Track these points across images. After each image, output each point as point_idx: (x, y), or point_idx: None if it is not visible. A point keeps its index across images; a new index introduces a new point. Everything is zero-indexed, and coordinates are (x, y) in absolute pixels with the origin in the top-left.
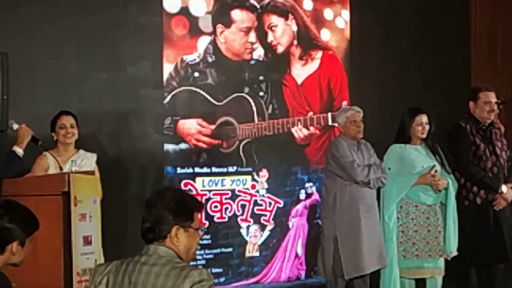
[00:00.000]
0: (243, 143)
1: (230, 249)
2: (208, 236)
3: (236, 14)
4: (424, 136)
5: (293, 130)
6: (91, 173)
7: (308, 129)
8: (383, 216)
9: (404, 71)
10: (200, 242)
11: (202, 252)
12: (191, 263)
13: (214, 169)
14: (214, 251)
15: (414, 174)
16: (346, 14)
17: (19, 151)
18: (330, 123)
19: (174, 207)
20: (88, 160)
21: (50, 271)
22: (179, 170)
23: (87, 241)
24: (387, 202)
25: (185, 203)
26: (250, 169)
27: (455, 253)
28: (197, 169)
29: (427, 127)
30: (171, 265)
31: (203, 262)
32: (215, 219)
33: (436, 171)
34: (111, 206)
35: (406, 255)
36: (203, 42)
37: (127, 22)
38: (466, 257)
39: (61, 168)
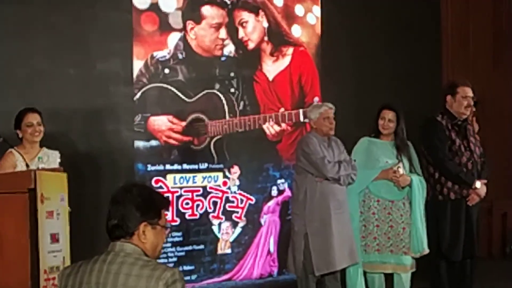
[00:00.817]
0: (214, 139)
1: (201, 246)
2: (179, 234)
3: (207, 10)
4: (386, 131)
5: (264, 126)
6: (59, 170)
7: (279, 125)
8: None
9: (375, 67)
10: (172, 239)
11: (173, 249)
12: (162, 260)
13: (185, 166)
14: (186, 248)
15: (376, 168)
16: (317, 10)
17: None
18: (301, 119)
19: (142, 203)
20: (52, 158)
21: (17, 269)
22: (150, 167)
23: (54, 238)
24: (349, 193)
25: (153, 200)
26: (221, 166)
27: (426, 251)
28: (168, 166)
29: (391, 124)
30: (141, 264)
31: (174, 259)
32: (187, 216)
33: (399, 167)
34: (81, 203)
35: (367, 249)
36: (173, 38)
37: (96, 18)
38: (438, 252)
39: (27, 166)
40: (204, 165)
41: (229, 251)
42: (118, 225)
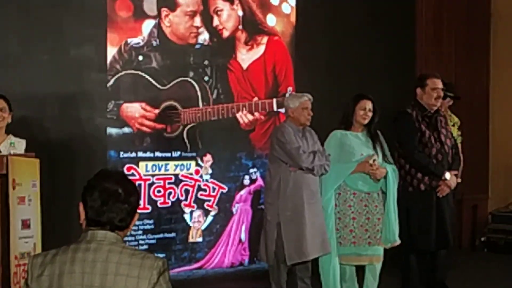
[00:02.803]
0: (187, 127)
1: (173, 234)
2: (151, 221)
3: None
4: (366, 121)
5: (237, 115)
6: (31, 156)
7: (253, 114)
8: (322, 200)
9: (349, 58)
10: (143, 227)
11: (144, 237)
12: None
13: (157, 154)
14: (157, 236)
15: (352, 162)
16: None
17: None
18: (275, 108)
19: (138, 199)
20: (18, 146)
21: None
22: (122, 154)
23: (25, 224)
24: (325, 188)
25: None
26: (194, 154)
27: (398, 241)
28: (140, 154)
29: (370, 114)
30: (129, 253)
31: (145, 247)
32: (158, 204)
33: (374, 160)
34: (54, 189)
35: (343, 242)
36: (148, 25)
37: (70, 3)
38: (408, 243)
39: None
40: (176, 153)
41: (200, 239)
42: (123, 219)
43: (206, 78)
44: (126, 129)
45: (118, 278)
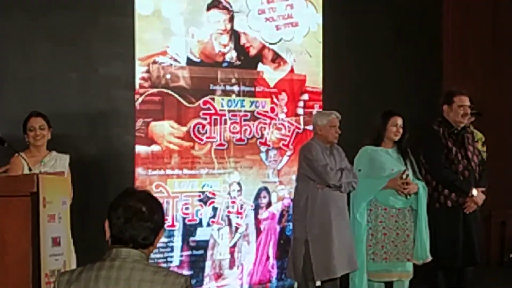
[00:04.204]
0: (215, 145)
1: (201, 252)
2: (179, 238)
3: (209, 16)
4: (397, 138)
5: (265, 133)
6: (61, 174)
7: (279, 131)
8: (354, 215)
9: (376, 75)
10: (172, 244)
11: (172, 254)
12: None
13: (185, 171)
14: (185, 253)
15: (384, 177)
16: (319, 18)
17: None
18: (302, 126)
19: (162, 216)
20: (60, 161)
21: (18, 272)
22: (150, 172)
23: (55, 242)
24: (357, 203)
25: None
26: (221, 171)
27: (430, 258)
28: (168, 171)
29: (401, 130)
30: (152, 270)
31: (174, 264)
32: (186, 221)
33: (407, 175)
34: (84, 206)
35: (375, 258)
36: (175, 43)
37: (98, 22)
38: (435, 260)
39: (30, 169)
40: (204, 171)
41: (228, 256)
42: (147, 237)
43: (233, 96)
44: (154, 147)
45: None
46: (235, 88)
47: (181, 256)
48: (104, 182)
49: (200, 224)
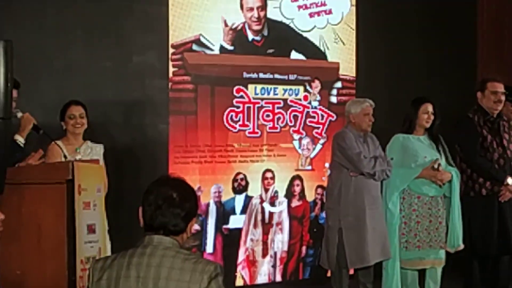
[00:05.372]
0: (248, 133)
1: (234, 239)
2: (213, 226)
3: (243, 3)
4: (429, 125)
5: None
6: (96, 161)
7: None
8: (386, 204)
9: (410, 63)
10: (205, 231)
11: (207, 241)
12: None
13: (218, 159)
14: (218, 240)
15: (417, 165)
16: (352, 5)
17: (20, 139)
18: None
19: (195, 205)
20: (95, 151)
21: (54, 259)
22: (183, 160)
23: (91, 229)
24: (390, 192)
25: (196, 197)
26: (255, 159)
27: (462, 246)
28: (202, 159)
29: (432, 116)
30: (182, 257)
31: (210, 250)
32: (220, 209)
33: (439, 164)
34: (119, 194)
35: (408, 246)
36: (209, 31)
37: (133, 10)
38: (470, 249)
39: (65, 157)
40: (237, 158)
41: (261, 244)
42: (177, 224)
43: (266, 84)
44: (188, 135)
45: (170, 283)
46: (268, 76)
47: (214, 243)
48: (138, 170)
49: (233, 211)
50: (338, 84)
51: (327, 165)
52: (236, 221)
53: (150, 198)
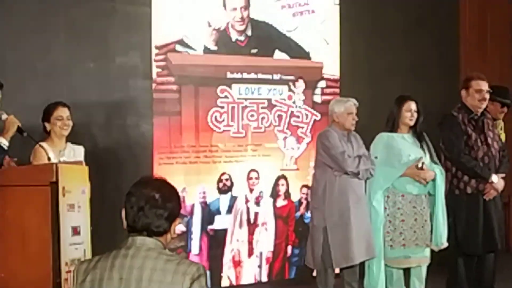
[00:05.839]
0: (232, 133)
1: (219, 240)
2: (198, 227)
3: (226, 4)
4: (412, 123)
5: (282, 120)
6: (79, 163)
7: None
8: (371, 203)
9: (393, 61)
10: (190, 232)
11: (192, 242)
12: None
13: (203, 159)
14: (203, 241)
15: (401, 164)
16: (335, 4)
17: (4, 142)
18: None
19: (178, 204)
20: (78, 152)
21: (39, 261)
22: (167, 161)
23: (75, 231)
24: (374, 191)
25: (179, 197)
26: (239, 159)
27: (445, 244)
28: (186, 160)
29: (416, 114)
30: (165, 259)
31: (196, 251)
32: (205, 209)
33: (423, 163)
34: (102, 195)
35: (393, 244)
36: (192, 32)
37: (116, 12)
38: (455, 247)
39: (49, 159)
40: (222, 159)
41: (246, 244)
42: (160, 225)
43: (250, 84)
44: (172, 136)
45: (152, 285)
46: (252, 75)
47: (200, 244)
48: (122, 171)
49: (218, 212)
50: (322, 84)
51: (312, 164)
52: (221, 222)
53: (132, 200)
